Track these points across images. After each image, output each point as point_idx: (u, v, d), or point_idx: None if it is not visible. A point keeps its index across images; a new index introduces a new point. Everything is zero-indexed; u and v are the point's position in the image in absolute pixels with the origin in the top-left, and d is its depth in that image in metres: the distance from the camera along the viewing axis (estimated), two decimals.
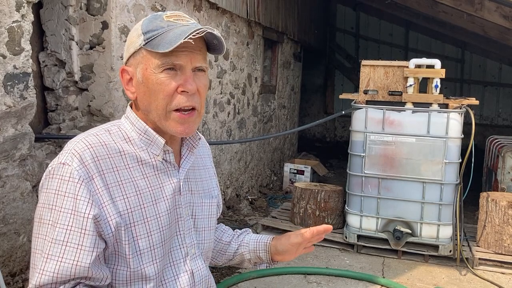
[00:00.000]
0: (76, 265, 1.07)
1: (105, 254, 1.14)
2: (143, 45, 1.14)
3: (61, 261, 1.06)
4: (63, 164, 1.11)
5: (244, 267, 1.56)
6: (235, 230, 1.58)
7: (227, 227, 1.59)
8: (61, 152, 1.15)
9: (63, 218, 1.08)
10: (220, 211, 1.50)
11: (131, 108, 1.25)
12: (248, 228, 1.60)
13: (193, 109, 1.18)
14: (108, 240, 1.11)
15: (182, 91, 1.14)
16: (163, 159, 1.22)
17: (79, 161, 1.10)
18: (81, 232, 1.08)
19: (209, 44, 1.18)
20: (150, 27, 1.15)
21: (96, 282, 1.11)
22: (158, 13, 1.19)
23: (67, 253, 1.07)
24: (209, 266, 1.40)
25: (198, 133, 1.34)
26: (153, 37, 1.13)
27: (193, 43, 1.10)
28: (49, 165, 1.15)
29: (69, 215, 1.08)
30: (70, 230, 1.07)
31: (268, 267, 1.52)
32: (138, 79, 1.17)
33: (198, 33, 1.10)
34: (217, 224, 1.56)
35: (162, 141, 1.19)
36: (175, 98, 1.15)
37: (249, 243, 1.50)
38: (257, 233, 4.94)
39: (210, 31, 1.12)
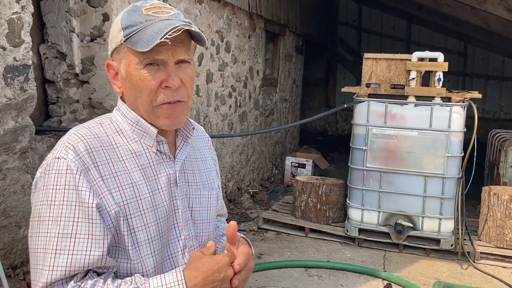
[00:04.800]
0: (90, 255, 1.06)
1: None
2: (124, 41, 1.13)
3: (72, 254, 1.05)
4: (58, 158, 1.09)
5: None
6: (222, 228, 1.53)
7: (223, 221, 1.55)
8: (54, 148, 1.14)
9: (67, 211, 1.06)
10: (220, 204, 1.47)
11: (122, 100, 1.24)
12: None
13: (179, 101, 1.17)
14: (109, 232, 1.10)
15: (166, 87, 1.13)
16: (157, 150, 1.21)
17: (74, 152, 1.09)
18: (89, 222, 1.06)
19: (193, 35, 1.16)
20: (128, 22, 1.13)
21: (104, 270, 1.10)
22: (138, 3, 1.17)
23: (78, 245, 1.05)
24: None
25: (193, 122, 1.32)
26: (132, 34, 1.11)
27: (169, 43, 1.09)
28: (43, 162, 1.13)
29: (74, 206, 1.06)
30: (78, 221, 1.06)
31: None
32: (123, 75, 1.17)
33: (174, 32, 1.08)
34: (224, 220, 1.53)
35: (154, 130, 1.18)
36: (159, 94, 1.13)
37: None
38: (258, 226, 4.96)
39: (187, 27, 1.10)
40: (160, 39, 1.06)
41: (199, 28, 1.16)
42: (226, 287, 1.11)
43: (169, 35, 1.07)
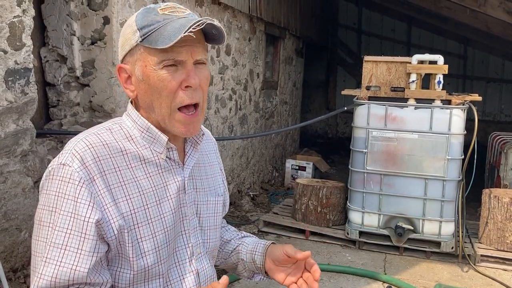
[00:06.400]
0: (75, 270, 1.04)
1: (108, 256, 1.11)
2: (140, 41, 1.10)
3: (59, 265, 1.04)
4: (63, 164, 1.08)
5: (238, 273, 1.46)
6: (240, 232, 1.53)
7: (232, 227, 1.54)
8: (61, 152, 1.12)
9: (63, 221, 1.05)
10: (227, 209, 1.45)
11: (132, 104, 1.22)
12: (253, 235, 1.53)
13: (196, 105, 1.15)
14: (111, 242, 1.09)
15: (186, 86, 1.11)
16: (166, 157, 1.18)
17: (80, 162, 1.07)
18: (80, 236, 1.05)
19: (208, 34, 1.14)
20: (145, 22, 1.10)
21: (96, 287, 1.08)
22: (151, 5, 1.14)
23: (66, 257, 1.04)
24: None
25: (202, 128, 1.30)
26: (149, 33, 1.08)
27: (194, 36, 1.06)
28: (49, 165, 1.12)
29: (69, 218, 1.05)
30: (70, 233, 1.04)
31: (261, 280, 1.42)
32: (138, 77, 1.13)
33: (198, 25, 1.06)
34: (225, 224, 1.52)
35: (165, 138, 1.16)
36: (178, 94, 1.11)
37: (249, 243, 1.42)
38: (259, 229, 4.96)
39: (210, 21, 1.08)
40: (184, 33, 1.03)
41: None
42: None
43: (193, 28, 1.04)
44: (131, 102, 1.22)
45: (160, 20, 1.09)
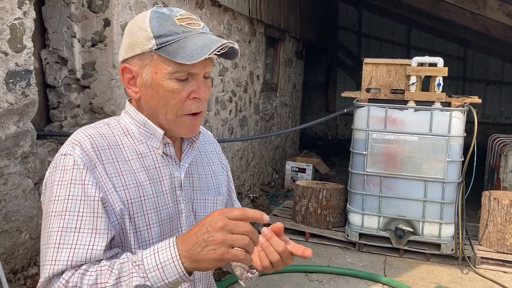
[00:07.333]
0: (92, 249, 1.05)
1: (112, 244, 1.12)
2: (155, 49, 1.11)
3: (75, 248, 1.04)
4: (65, 155, 1.11)
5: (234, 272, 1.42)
6: None
7: None
8: (61, 147, 1.15)
9: (72, 205, 1.06)
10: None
11: (130, 103, 1.25)
12: None
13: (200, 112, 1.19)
14: (113, 228, 1.10)
15: (194, 97, 1.15)
16: (163, 152, 1.21)
17: (81, 149, 1.10)
18: (93, 216, 1.07)
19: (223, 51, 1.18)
20: (162, 31, 1.11)
21: (110, 260, 1.09)
22: (165, 11, 1.14)
23: (81, 239, 1.05)
24: None
25: (201, 128, 1.33)
26: (167, 43, 1.10)
27: (218, 59, 1.11)
28: (52, 162, 1.15)
29: (79, 201, 1.07)
30: (82, 216, 1.06)
31: (251, 278, 1.36)
32: (146, 82, 1.15)
33: (222, 49, 1.10)
34: None
35: (161, 132, 1.19)
36: (186, 103, 1.15)
37: None
38: (258, 230, 4.93)
39: (232, 45, 1.12)
40: (209, 54, 1.07)
41: None
42: (225, 252, 0.98)
43: (217, 51, 1.09)
44: (129, 101, 1.25)
45: (179, 32, 1.11)
